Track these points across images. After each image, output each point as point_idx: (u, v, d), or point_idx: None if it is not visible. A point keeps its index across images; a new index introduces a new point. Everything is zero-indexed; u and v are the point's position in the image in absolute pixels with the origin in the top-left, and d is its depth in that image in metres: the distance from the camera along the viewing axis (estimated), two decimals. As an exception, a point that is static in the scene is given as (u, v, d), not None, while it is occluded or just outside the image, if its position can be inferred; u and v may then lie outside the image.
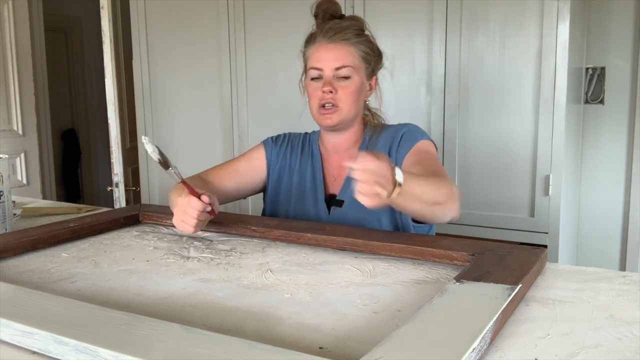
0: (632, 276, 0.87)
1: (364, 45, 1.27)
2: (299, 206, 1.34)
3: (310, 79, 1.28)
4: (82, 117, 5.09)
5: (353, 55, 1.25)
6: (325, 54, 1.25)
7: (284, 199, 1.37)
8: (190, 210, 1.08)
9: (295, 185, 1.37)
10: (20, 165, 3.42)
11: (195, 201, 1.07)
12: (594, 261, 2.34)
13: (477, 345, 0.59)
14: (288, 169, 1.39)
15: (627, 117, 2.26)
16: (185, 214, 1.09)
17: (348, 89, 1.25)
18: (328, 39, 1.25)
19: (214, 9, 2.49)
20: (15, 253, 1.04)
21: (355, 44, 1.26)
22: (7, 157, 1.23)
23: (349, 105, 1.26)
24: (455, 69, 2.02)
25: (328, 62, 1.24)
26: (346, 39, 1.25)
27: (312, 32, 1.31)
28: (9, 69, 3.30)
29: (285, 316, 0.74)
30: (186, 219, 1.09)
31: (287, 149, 1.41)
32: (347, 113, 1.27)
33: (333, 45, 1.25)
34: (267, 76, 2.41)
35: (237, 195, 1.40)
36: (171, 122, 2.70)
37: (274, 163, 1.40)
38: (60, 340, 0.61)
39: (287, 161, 1.39)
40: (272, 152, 1.41)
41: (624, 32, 2.22)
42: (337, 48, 1.25)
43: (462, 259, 0.93)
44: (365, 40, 1.28)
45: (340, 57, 1.24)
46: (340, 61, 1.24)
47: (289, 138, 1.44)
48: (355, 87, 1.26)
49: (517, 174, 1.96)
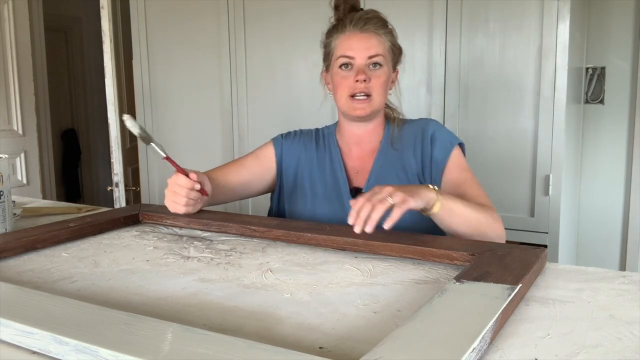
0: (632, 276, 0.87)
1: (390, 36, 1.28)
2: (322, 203, 1.32)
3: (338, 68, 1.27)
4: (82, 117, 5.10)
5: (384, 45, 1.26)
6: (358, 43, 1.25)
7: (303, 197, 1.35)
8: (178, 189, 1.07)
9: (315, 182, 1.34)
10: (20, 165, 3.42)
11: (182, 178, 1.06)
12: (594, 261, 2.34)
13: (477, 345, 0.59)
14: (304, 166, 1.37)
15: (627, 117, 2.26)
16: (174, 194, 1.08)
17: (380, 79, 1.25)
18: (359, 29, 1.25)
19: (214, 9, 2.49)
20: (15, 253, 1.04)
21: (383, 34, 1.27)
22: (7, 157, 1.23)
23: (380, 95, 1.26)
24: (455, 69, 2.02)
25: (361, 51, 1.24)
26: (376, 30, 1.26)
27: (334, 22, 1.32)
28: (9, 69, 3.30)
29: (285, 316, 0.74)
30: (176, 198, 1.09)
31: (299, 146, 1.39)
32: (379, 103, 1.27)
33: (365, 35, 1.25)
34: (267, 76, 2.41)
35: (243, 191, 1.38)
36: (171, 122, 2.71)
37: (286, 161, 1.38)
38: (61, 340, 0.61)
39: (302, 158, 1.37)
40: (283, 150, 1.39)
41: (624, 32, 2.22)
42: (370, 37, 1.25)
43: (462, 259, 0.93)
44: (390, 33, 1.29)
45: (374, 46, 1.24)
46: (373, 49, 1.24)
47: (300, 135, 1.41)
48: (386, 77, 1.27)
49: (517, 173, 1.96)
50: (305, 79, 2.33)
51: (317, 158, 1.36)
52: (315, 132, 1.42)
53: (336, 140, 1.37)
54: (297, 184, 1.37)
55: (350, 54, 1.25)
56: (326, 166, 1.35)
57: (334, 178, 1.33)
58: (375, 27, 1.26)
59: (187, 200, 1.08)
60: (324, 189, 1.33)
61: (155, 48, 2.69)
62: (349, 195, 1.29)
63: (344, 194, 1.30)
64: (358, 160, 1.34)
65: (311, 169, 1.36)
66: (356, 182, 1.32)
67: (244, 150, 2.47)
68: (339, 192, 1.31)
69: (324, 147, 1.37)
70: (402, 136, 1.32)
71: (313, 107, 2.31)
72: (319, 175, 1.34)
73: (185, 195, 1.07)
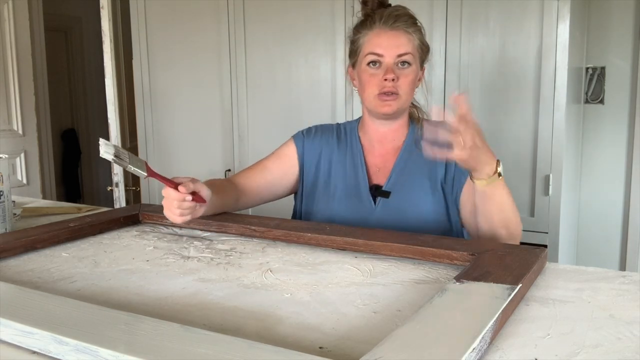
0: (632, 276, 0.87)
1: (419, 34, 1.27)
2: (341, 199, 1.31)
3: (366, 65, 1.25)
4: (82, 117, 5.10)
5: (413, 43, 1.24)
6: (387, 41, 1.23)
7: (323, 193, 1.34)
8: (170, 201, 1.08)
9: (334, 177, 1.33)
10: (20, 165, 3.42)
11: (171, 192, 1.06)
12: (594, 261, 2.34)
13: (477, 344, 0.59)
14: (325, 161, 1.36)
15: (627, 116, 2.26)
16: (167, 207, 1.09)
17: (408, 77, 1.24)
18: (389, 26, 1.23)
19: (214, 9, 2.49)
20: (15, 253, 1.04)
21: (413, 32, 1.25)
22: (7, 157, 1.23)
23: (407, 93, 1.25)
24: (455, 69, 2.02)
25: (390, 49, 1.22)
26: (406, 27, 1.24)
27: (362, 18, 1.29)
28: (9, 69, 3.30)
29: (285, 316, 0.74)
30: (169, 209, 1.09)
31: (321, 141, 1.37)
32: (405, 101, 1.26)
33: (394, 32, 1.23)
34: (267, 76, 2.41)
35: (269, 193, 1.37)
36: (171, 122, 2.70)
37: (308, 158, 1.37)
38: (61, 340, 0.61)
39: (323, 154, 1.36)
40: (305, 147, 1.37)
41: (624, 32, 2.22)
42: (399, 35, 1.23)
43: (462, 259, 0.93)
44: (419, 30, 1.27)
45: (403, 44, 1.23)
46: (403, 48, 1.23)
47: (322, 130, 1.40)
48: (414, 75, 1.25)
49: (517, 173, 1.96)
50: (305, 79, 2.33)
51: (338, 153, 1.35)
52: (337, 127, 1.41)
53: (358, 137, 1.36)
54: (317, 180, 1.36)
55: (380, 51, 1.23)
56: (347, 162, 1.34)
57: (354, 173, 1.32)
58: (405, 24, 1.24)
59: (181, 211, 1.08)
60: (343, 184, 1.32)
61: (155, 48, 2.69)
62: (368, 193, 1.29)
63: (363, 190, 1.29)
64: (380, 158, 1.33)
65: (331, 163, 1.35)
66: (377, 179, 1.31)
67: (244, 150, 2.48)
68: (358, 188, 1.30)
69: (345, 143, 1.36)
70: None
71: (313, 107, 2.31)
72: (339, 171, 1.34)
73: (178, 207, 1.07)
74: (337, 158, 1.35)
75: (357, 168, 1.32)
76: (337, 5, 2.21)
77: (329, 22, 2.24)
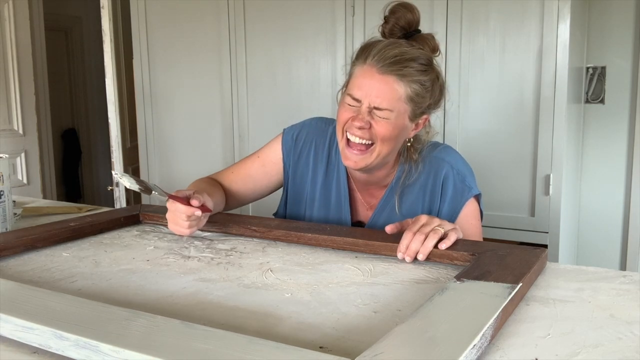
0: (633, 276, 0.87)
1: (419, 85, 1.08)
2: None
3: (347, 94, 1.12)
4: (83, 117, 5.10)
5: (399, 96, 1.07)
6: (369, 85, 1.07)
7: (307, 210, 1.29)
8: (179, 215, 1.08)
9: (318, 204, 1.27)
10: (21, 164, 3.42)
11: (179, 206, 1.07)
12: (594, 261, 2.34)
13: (477, 342, 0.59)
14: (310, 178, 1.28)
15: (627, 116, 2.26)
16: (175, 221, 1.10)
17: (385, 127, 1.08)
18: (379, 68, 1.06)
19: (215, 9, 2.49)
20: (16, 252, 1.04)
21: (410, 82, 1.07)
22: (7, 157, 1.23)
23: (388, 145, 1.10)
24: (455, 69, 2.02)
25: (367, 97, 1.07)
26: (401, 75, 1.06)
27: (370, 42, 1.12)
28: (9, 68, 3.30)
29: (285, 316, 0.74)
30: (177, 223, 1.10)
31: (309, 155, 1.27)
32: (384, 155, 1.12)
33: (382, 78, 1.06)
34: (267, 76, 2.41)
35: (252, 198, 1.35)
36: (171, 121, 2.71)
37: (294, 171, 1.29)
38: (61, 335, 0.61)
39: (311, 175, 1.28)
40: (292, 159, 1.29)
41: (624, 32, 2.22)
42: (387, 82, 1.06)
43: (462, 259, 0.93)
44: (424, 79, 1.09)
45: (385, 96, 1.06)
46: (382, 101, 1.07)
47: (314, 140, 1.27)
48: (392, 127, 1.09)
49: (518, 173, 1.96)
50: (305, 79, 2.33)
51: (324, 180, 1.27)
52: (329, 143, 1.27)
53: (346, 168, 1.24)
54: (302, 196, 1.30)
55: (358, 95, 1.08)
56: (332, 195, 1.26)
57: (338, 208, 1.26)
58: (400, 70, 1.06)
59: (190, 223, 1.09)
60: (325, 215, 1.27)
61: (156, 48, 2.69)
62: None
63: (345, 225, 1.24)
64: (366, 192, 1.25)
65: (315, 190, 1.28)
66: (361, 214, 1.26)
67: (244, 150, 2.47)
68: (339, 222, 1.25)
69: (334, 169, 1.26)
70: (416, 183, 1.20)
71: (313, 107, 2.31)
72: (323, 201, 1.27)
73: (186, 220, 1.09)
74: (323, 185, 1.27)
75: (340, 204, 1.25)
76: (337, 5, 2.21)
77: (329, 22, 2.24)
